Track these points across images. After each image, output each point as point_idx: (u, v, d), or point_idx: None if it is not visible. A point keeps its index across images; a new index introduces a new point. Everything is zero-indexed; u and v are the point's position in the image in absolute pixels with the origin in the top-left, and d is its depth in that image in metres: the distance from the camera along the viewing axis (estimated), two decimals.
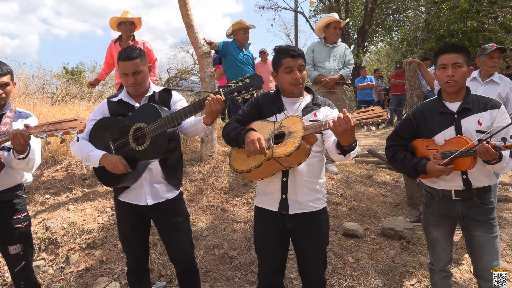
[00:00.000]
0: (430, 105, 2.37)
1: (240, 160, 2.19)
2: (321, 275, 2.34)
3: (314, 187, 2.24)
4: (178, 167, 2.51)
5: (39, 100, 8.49)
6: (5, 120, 2.44)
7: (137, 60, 2.31)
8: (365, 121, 1.84)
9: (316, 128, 1.99)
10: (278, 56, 2.23)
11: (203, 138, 5.09)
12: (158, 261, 3.47)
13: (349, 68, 5.12)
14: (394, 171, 5.51)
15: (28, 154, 2.29)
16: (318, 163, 2.25)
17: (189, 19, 5.03)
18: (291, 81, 2.19)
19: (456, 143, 2.17)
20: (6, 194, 2.47)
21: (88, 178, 4.88)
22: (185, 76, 24.01)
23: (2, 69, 2.43)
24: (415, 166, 2.29)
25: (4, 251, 2.50)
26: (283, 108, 2.25)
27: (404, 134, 2.43)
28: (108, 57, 5.24)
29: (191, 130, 2.37)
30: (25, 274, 2.55)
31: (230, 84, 2.10)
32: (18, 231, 2.50)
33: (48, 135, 2.08)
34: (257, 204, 2.36)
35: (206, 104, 2.09)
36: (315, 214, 2.24)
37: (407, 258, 3.50)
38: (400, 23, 19.37)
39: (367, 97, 11.19)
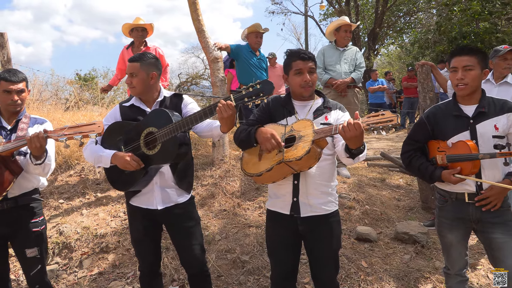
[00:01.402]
0: (444, 108, 2.34)
1: (251, 163, 2.20)
2: (333, 279, 2.33)
3: (325, 190, 2.23)
4: (188, 171, 2.52)
5: (52, 106, 8.62)
6: (21, 126, 2.49)
7: (136, 63, 2.37)
8: (375, 126, 1.85)
9: (326, 132, 1.99)
10: (289, 59, 2.25)
11: (215, 142, 5.10)
12: (171, 265, 3.47)
13: (360, 71, 5.10)
14: (408, 174, 5.45)
15: (45, 160, 2.33)
16: (329, 166, 2.25)
17: (200, 24, 5.06)
18: (301, 83, 2.20)
19: (461, 147, 2.17)
20: (24, 198, 2.51)
21: (101, 183, 4.93)
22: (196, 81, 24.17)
23: (17, 76, 2.48)
24: (431, 176, 2.29)
25: (21, 254, 2.53)
26: (294, 112, 2.26)
27: (419, 137, 2.41)
28: (120, 63, 5.28)
29: (206, 134, 2.39)
30: (41, 277, 2.58)
31: (241, 89, 2.10)
32: (36, 235, 2.53)
33: (67, 139, 2.12)
34: (269, 207, 2.36)
35: (218, 111, 2.08)
36: (327, 217, 2.24)
37: (422, 263, 3.45)
38: (411, 25, 19.24)
39: (378, 100, 11.11)
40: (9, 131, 2.50)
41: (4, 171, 2.27)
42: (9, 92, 2.45)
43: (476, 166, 2.15)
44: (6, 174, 2.28)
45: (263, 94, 2.04)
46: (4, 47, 4.72)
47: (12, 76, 2.46)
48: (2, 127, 2.51)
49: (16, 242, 2.55)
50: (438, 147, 2.29)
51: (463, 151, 2.15)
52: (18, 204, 2.48)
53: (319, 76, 5.07)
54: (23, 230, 2.50)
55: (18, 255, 2.56)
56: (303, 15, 21.86)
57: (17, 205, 2.47)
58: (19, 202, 2.48)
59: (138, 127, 2.34)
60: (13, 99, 2.46)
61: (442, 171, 2.24)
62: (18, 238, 2.52)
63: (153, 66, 2.42)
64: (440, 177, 2.24)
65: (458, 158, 2.17)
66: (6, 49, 4.73)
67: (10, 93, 2.46)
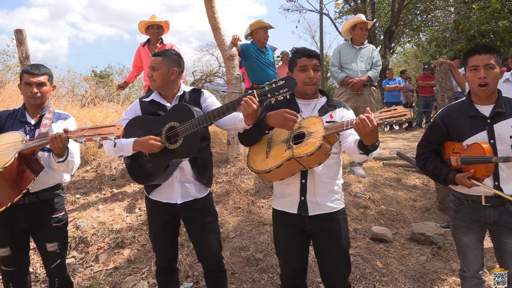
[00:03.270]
0: (459, 108, 2.29)
1: (258, 160, 2.19)
2: (345, 278, 2.30)
3: (332, 188, 2.23)
4: (208, 165, 2.54)
5: (69, 102, 8.75)
6: (45, 121, 2.51)
7: (159, 58, 2.40)
8: (388, 120, 1.85)
9: (337, 128, 2.00)
10: (294, 56, 2.28)
11: (229, 140, 5.11)
12: (185, 262, 3.50)
13: (377, 69, 5.03)
14: (424, 175, 5.38)
15: (67, 157, 2.35)
16: (335, 164, 2.25)
17: (215, 22, 5.07)
18: (305, 80, 2.22)
19: (476, 149, 2.13)
20: (46, 194, 2.54)
21: (117, 179, 4.98)
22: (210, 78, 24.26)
23: (39, 69, 2.52)
24: (445, 178, 2.26)
25: (42, 248, 2.58)
26: (298, 110, 2.26)
27: (433, 139, 2.37)
28: (136, 60, 5.32)
29: (230, 128, 2.40)
30: (60, 271, 2.63)
31: (264, 85, 2.12)
32: (56, 230, 2.57)
33: (87, 140, 2.14)
34: (275, 207, 2.36)
35: (241, 108, 2.11)
36: (335, 215, 2.24)
37: (438, 265, 3.40)
38: (428, 23, 18.95)
39: (394, 99, 10.98)
40: (33, 126, 2.53)
41: (25, 169, 2.28)
42: (29, 84, 2.49)
43: (489, 169, 2.11)
44: (27, 173, 2.29)
45: (287, 90, 2.06)
46: (23, 43, 4.80)
47: (34, 69, 2.50)
48: (26, 122, 2.54)
49: (37, 236, 2.59)
50: (453, 149, 2.26)
51: (478, 153, 2.11)
52: (40, 199, 2.51)
53: (335, 75, 5.03)
54: (44, 225, 2.54)
55: (39, 248, 2.61)
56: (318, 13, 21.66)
57: (38, 199, 2.51)
58: (40, 197, 2.51)
59: (160, 122, 2.36)
60: (32, 91, 2.48)
61: (456, 174, 2.20)
62: (39, 232, 2.57)
63: (175, 62, 2.45)
64: (454, 180, 2.20)
65: (472, 160, 2.12)
66: (24, 46, 4.81)
67: (31, 86, 2.49)
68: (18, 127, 2.49)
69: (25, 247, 2.64)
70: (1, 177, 2.17)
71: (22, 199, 2.43)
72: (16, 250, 2.55)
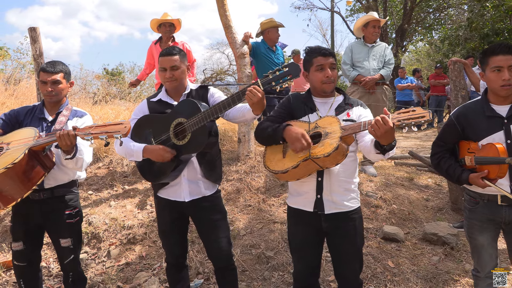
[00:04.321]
0: (474, 108, 2.26)
1: (275, 160, 2.18)
2: (357, 276, 2.32)
3: (348, 186, 2.22)
4: (217, 162, 2.54)
5: (81, 100, 8.83)
6: (61, 118, 2.54)
7: (176, 56, 2.39)
8: (406, 122, 1.82)
9: (354, 129, 1.99)
10: (309, 56, 2.25)
11: (240, 138, 5.11)
12: (196, 259, 3.51)
13: (390, 68, 4.98)
14: (437, 174, 5.32)
15: (76, 155, 2.36)
16: (352, 162, 2.24)
17: (227, 20, 5.07)
18: (322, 79, 2.20)
19: (490, 149, 2.11)
20: (60, 190, 2.56)
21: (128, 176, 5.02)
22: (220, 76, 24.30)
23: (54, 67, 2.53)
24: (458, 178, 2.24)
25: (56, 243, 2.61)
26: (315, 109, 2.25)
27: (448, 139, 2.35)
28: (149, 57, 5.35)
29: (239, 120, 2.40)
30: (74, 266, 2.66)
31: (268, 74, 2.12)
32: (69, 226, 2.59)
33: (93, 138, 2.16)
34: (291, 205, 2.35)
35: (247, 97, 2.11)
36: (350, 214, 2.23)
37: (451, 265, 3.36)
38: (441, 21, 18.72)
39: (406, 98, 10.88)
40: (50, 123, 2.56)
41: (36, 166, 2.30)
42: (44, 82, 2.52)
43: (503, 170, 2.08)
44: (38, 169, 2.31)
45: (290, 77, 2.07)
46: (37, 41, 4.84)
47: (49, 67, 2.52)
48: (44, 118, 2.57)
49: (51, 231, 2.63)
50: (468, 148, 2.24)
51: (492, 153, 2.08)
52: (54, 195, 2.54)
53: (346, 73, 4.99)
54: (58, 221, 2.57)
55: (53, 243, 2.65)
56: (329, 11, 21.62)
57: (53, 195, 2.53)
58: (55, 193, 2.54)
59: (167, 119, 2.37)
60: (47, 89, 2.51)
61: (469, 174, 2.18)
62: (53, 228, 2.60)
63: (186, 59, 2.47)
64: (467, 180, 2.19)
65: (485, 161, 2.10)
66: (38, 43, 4.85)
67: (46, 84, 2.51)
68: (36, 123, 2.52)
69: (38, 242, 2.68)
70: (11, 172, 2.19)
71: (37, 194, 2.47)
72: (29, 245, 2.59)
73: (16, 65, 10.46)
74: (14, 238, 2.58)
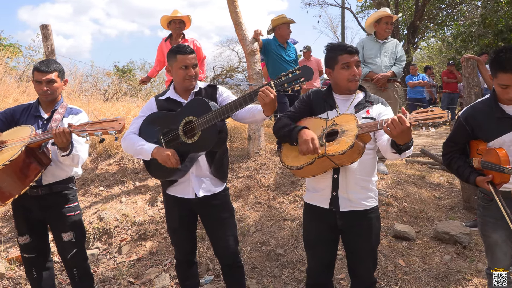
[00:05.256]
0: (483, 108, 2.23)
1: (291, 156, 2.18)
2: (371, 274, 2.31)
3: (366, 185, 2.20)
4: (224, 160, 2.54)
5: (92, 97, 8.90)
6: (56, 116, 2.56)
7: (194, 54, 2.41)
8: (424, 122, 1.79)
9: (371, 128, 1.96)
10: (333, 53, 2.19)
11: (250, 135, 5.10)
12: (206, 255, 3.52)
13: (401, 64, 4.92)
14: (449, 173, 5.26)
15: (71, 151, 2.37)
16: (370, 160, 2.21)
17: (237, 16, 5.06)
18: (348, 77, 2.16)
19: (493, 155, 2.10)
20: (58, 186, 2.59)
21: (139, 172, 5.05)
22: (230, 74, 24.30)
23: (48, 67, 2.54)
24: (467, 179, 2.25)
25: (58, 238, 2.63)
26: (335, 105, 2.23)
27: (458, 139, 2.34)
28: (159, 54, 5.36)
29: (249, 120, 2.40)
30: (78, 261, 2.67)
31: (281, 75, 2.12)
32: (70, 219, 2.62)
33: (88, 134, 2.18)
34: (307, 201, 2.34)
35: (259, 98, 2.11)
36: (367, 213, 2.21)
37: (463, 264, 3.33)
38: (454, 18, 18.48)
39: (418, 95, 10.75)
40: (46, 120, 2.58)
41: (32, 162, 2.33)
42: (39, 82, 2.53)
43: (505, 177, 2.07)
44: (34, 165, 2.34)
45: (303, 80, 2.06)
46: (48, 38, 4.89)
47: (43, 66, 2.53)
48: (40, 116, 2.60)
49: (53, 226, 2.65)
50: (477, 149, 2.23)
51: (493, 159, 2.08)
52: (52, 191, 2.57)
53: None
54: (58, 215, 2.60)
55: (55, 238, 2.66)
56: (340, 7, 21.49)
57: (51, 192, 2.56)
58: (53, 189, 2.57)
59: (177, 117, 2.37)
60: (42, 89, 2.53)
61: (476, 176, 2.18)
62: (54, 223, 2.63)
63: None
64: (474, 182, 2.19)
65: (489, 167, 2.10)
66: (50, 41, 4.90)
67: (41, 83, 2.53)
68: (31, 121, 2.55)
69: (43, 235, 2.70)
70: (9, 169, 2.23)
71: (35, 191, 2.50)
72: (35, 238, 2.63)
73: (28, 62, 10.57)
74: (19, 232, 2.63)
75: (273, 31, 5.45)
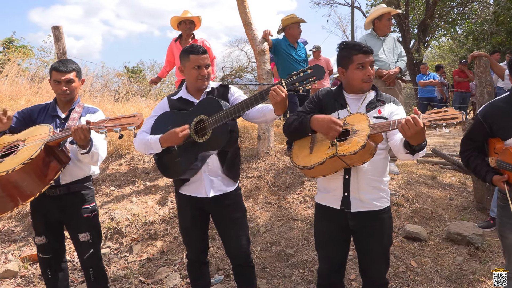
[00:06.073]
0: (502, 106, 2.20)
1: (302, 156, 2.17)
2: (383, 275, 2.29)
3: (377, 185, 2.18)
4: (236, 159, 2.54)
5: (103, 97, 8.98)
6: (73, 115, 2.57)
7: (207, 54, 2.42)
8: (437, 123, 1.77)
9: (383, 128, 1.94)
10: (347, 52, 2.17)
11: (260, 135, 5.10)
12: (216, 255, 3.53)
13: (404, 60, 4.85)
14: (461, 173, 5.20)
15: (91, 149, 2.39)
16: (382, 161, 2.19)
17: (247, 16, 5.06)
18: (363, 77, 2.14)
19: (507, 155, 2.08)
20: (76, 186, 2.61)
21: (149, 172, 5.08)
22: (239, 74, 24.32)
23: (67, 66, 2.56)
24: (484, 179, 2.24)
25: (75, 238, 2.66)
26: (346, 105, 2.21)
27: (476, 137, 2.31)
28: (169, 55, 5.38)
29: (259, 120, 2.40)
30: (94, 261, 2.69)
31: (292, 75, 2.12)
32: (87, 220, 2.63)
33: (107, 131, 2.19)
34: (318, 201, 2.33)
35: (270, 97, 2.11)
36: (379, 213, 2.19)
37: (476, 266, 3.28)
38: (465, 16, 18.24)
39: (429, 94, 10.63)
40: (63, 119, 2.60)
41: (52, 161, 2.34)
42: (58, 82, 2.54)
43: None
44: (54, 164, 2.35)
45: (314, 79, 2.06)
46: (60, 39, 4.93)
47: (62, 66, 2.54)
48: (57, 116, 2.62)
49: (70, 226, 2.67)
50: (495, 148, 2.20)
51: (507, 159, 2.06)
52: (70, 191, 2.58)
53: None
54: (75, 216, 2.61)
55: (72, 238, 2.69)
56: (350, 6, 21.38)
57: (69, 191, 2.58)
58: (71, 189, 2.58)
59: (188, 116, 2.38)
60: (61, 89, 2.54)
61: (493, 176, 2.17)
62: (71, 223, 2.65)
63: None
64: (491, 182, 2.17)
65: (504, 166, 2.08)
66: (61, 42, 4.94)
67: (60, 83, 2.54)
68: (49, 120, 2.57)
69: (59, 236, 2.72)
70: (29, 168, 2.23)
71: (53, 190, 2.51)
72: (52, 239, 2.65)
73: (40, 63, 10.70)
74: (36, 233, 2.65)
75: (283, 31, 5.43)
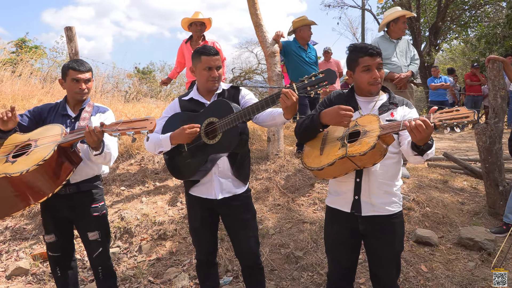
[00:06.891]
0: None
1: (312, 157, 2.15)
2: (394, 281, 2.26)
3: (389, 189, 2.15)
4: (246, 161, 2.53)
5: (114, 98, 9.05)
6: (84, 115, 2.60)
7: (218, 56, 2.42)
8: (448, 122, 1.74)
9: (393, 128, 1.92)
10: (354, 55, 2.16)
11: (270, 137, 5.10)
12: (225, 256, 3.53)
13: (417, 63, 4.81)
14: (473, 177, 5.13)
15: (103, 150, 2.41)
16: (394, 164, 2.16)
17: (257, 18, 5.06)
18: (369, 80, 2.12)
19: None
20: (86, 185, 2.63)
21: (159, 173, 5.10)
22: (249, 75, 24.35)
23: (85, 66, 2.60)
24: None
25: (84, 237, 2.68)
26: (358, 108, 2.19)
27: None
28: (179, 56, 5.41)
29: (269, 123, 2.39)
30: (103, 260, 2.71)
31: (303, 79, 2.11)
32: (96, 219, 2.65)
33: (120, 134, 2.20)
34: (329, 204, 2.31)
35: (281, 100, 2.10)
36: (390, 218, 2.16)
37: (488, 272, 3.23)
38: (478, 19, 18.07)
39: (440, 98, 10.54)
40: (73, 119, 2.62)
41: (64, 161, 2.36)
42: (77, 80, 2.57)
43: None
44: (66, 164, 2.37)
45: (326, 83, 2.04)
46: (72, 40, 4.98)
47: (80, 65, 2.58)
48: (68, 115, 2.63)
49: (79, 225, 2.69)
50: None
51: None
52: (80, 190, 2.60)
53: None
54: (85, 214, 2.63)
55: (81, 237, 2.71)
56: (360, 9, 21.27)
57: (79, 190, 2.60)
58: (80, 187, 2.60)
59: (199, 117, 2.38)
60: (81, 87, 2.57)
61: None
62: (80, 222, 2.67)
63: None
64: None
65: None
66: (74, 43, 4.98)
67: (78, 82, 2.57)
68: (59, 120, 2.59)
69: (69, 234, 2.75)
70: (42, 169, 2.25)
71: (63, 189, 2.52)
72: (61, 237, 2.67)
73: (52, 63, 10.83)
74: (46, 231, 2.68)
75: (293, 33, 5.43)
